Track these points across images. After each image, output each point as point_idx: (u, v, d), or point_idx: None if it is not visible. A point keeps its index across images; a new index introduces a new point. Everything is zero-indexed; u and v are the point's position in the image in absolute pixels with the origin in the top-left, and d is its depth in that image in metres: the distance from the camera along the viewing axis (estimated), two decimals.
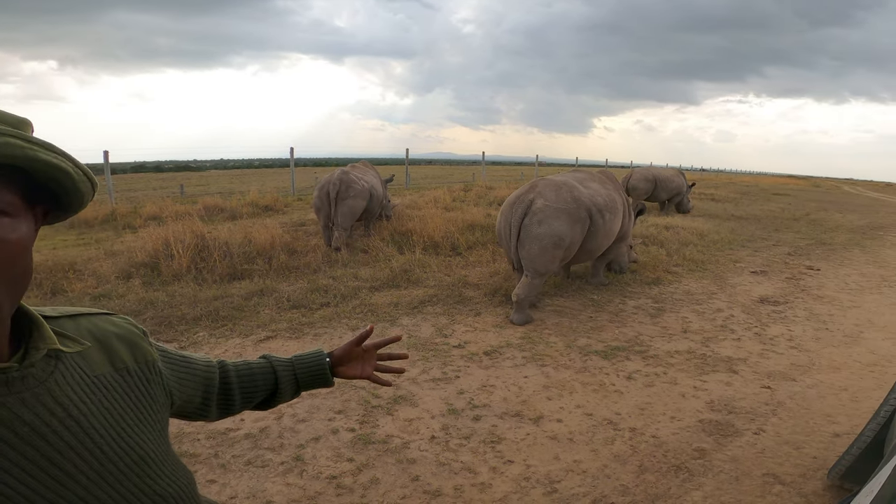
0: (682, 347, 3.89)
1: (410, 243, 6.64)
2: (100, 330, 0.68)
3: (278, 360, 1.01)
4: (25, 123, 0.52)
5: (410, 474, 2.32)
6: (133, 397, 0.66)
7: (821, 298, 5.39)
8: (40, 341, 0.57)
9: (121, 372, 0.66)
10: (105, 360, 0.65)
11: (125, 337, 0.70)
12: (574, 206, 4.39)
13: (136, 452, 0.62)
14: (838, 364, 3.69)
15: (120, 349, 0.68)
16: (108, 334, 0.68)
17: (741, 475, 2.36)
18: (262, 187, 11.96)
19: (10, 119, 0.50)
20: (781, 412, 2.97)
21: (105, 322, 0.70)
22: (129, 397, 0.65)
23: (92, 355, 0.64)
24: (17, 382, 0.54)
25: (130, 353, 0.69)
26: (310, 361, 1.01)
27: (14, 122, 0.50)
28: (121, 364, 0.67)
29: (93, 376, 0.62)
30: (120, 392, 0.64)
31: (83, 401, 0.59)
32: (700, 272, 6.28)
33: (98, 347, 0.66)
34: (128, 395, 0.65)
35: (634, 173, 11.61)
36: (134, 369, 0.68)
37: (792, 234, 9.65)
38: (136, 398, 0.66)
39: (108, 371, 0.65)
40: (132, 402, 0.65)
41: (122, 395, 0.64)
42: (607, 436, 2.67)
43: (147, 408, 0.68)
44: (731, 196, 17.24)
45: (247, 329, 3.98)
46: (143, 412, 0.66)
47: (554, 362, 3.55)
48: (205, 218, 8.17)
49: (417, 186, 16.43)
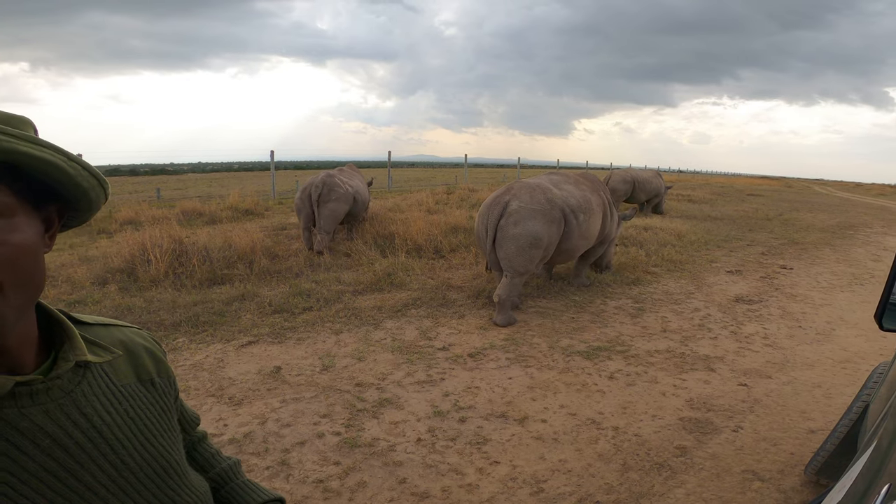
0: (661, 347, 3.96)
1: (393, 246, 6.63)
2: (130, 340, 0.68)
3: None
4: (22, 122, 0.50)
5: (398, 477, 2.32)
6: (157, 408, 0.66)
7: (794, 297, 5.54)
8: (70, 352, 0.57)
9: (145, 383, 0.66)
10: (131, 370, 0.66)
11: (151, 350, 0.70)
12: (548, 207, 4.47)
13: (158, 463, 0.62)
14: (812, 361, 3.80)
15: (146, 361, 0.68)
16: (137, 345, 0.69)
17: (722, 472, 2.42)
18: (242, 191, 11.80)
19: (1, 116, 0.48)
20: (758, 409, 3.05)
21: (134, 334, 0.70)
22: (153, 408, 0.65)
23: (119, 365, 0.64)
24: (41, 394, 0.53)
25: (155, 366, 0.69)
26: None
27: (5, 120, 0.48)
28: (146, 375, 0.67)
29: (119, 385, 0.62)
30: (145, 402, 0.64)
31: (108, 411, 0.59)
32: (678, 272, 6.40)
33: (126, 357, 0.66)
34: (152, 405, 0.65)
35: (613, 175, 11.78)
36: (157, 382, 0.69)
37: (765, 234, 9.89)
38: (160, 409, 0.66)
39: (133, 381, 0.65)
40: (156, 412, 0.65)
41: (146, 406, 0.64)
42: (591, 435, 2.71)
43: (169, 419, 0.68)
44: (707, 197, 17.59)
45: (228, 334, 3.93)
46: (165, 423, 0.66)
47: (537, 363, 3.59)
48: (183, 222, 8.05)
49: (400, 189, 16.40)
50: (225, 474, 0.83)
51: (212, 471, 0.83)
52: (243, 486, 0.83)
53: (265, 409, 2.87)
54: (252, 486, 0.84)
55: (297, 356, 3.59)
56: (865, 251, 8.67)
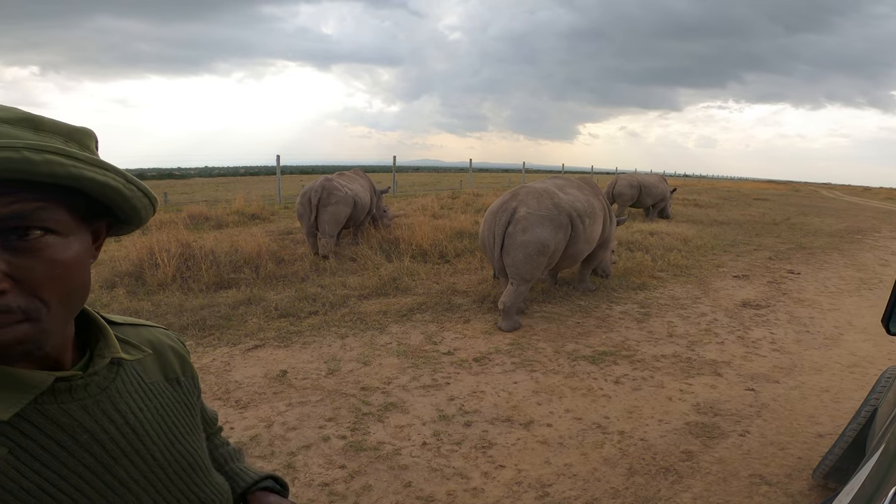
0: (667, 351, 3.95)
1: (399, 251, 6.65)
2: (157, 340, 0.70)
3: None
4: (85, 134, 0.51)
5: (403, 480, 2.33)
6: (182, 406, 0.68)
7: (801, 302, 5.51)
8: (105, 350, 0.59)
9: (171, 382, 0.68)
10: (158, 369, 0.67)
11: (177, 350, 0.72)
12: (556, 213, 4.45)
13: (185, 460, 0.63)
14: (820, 366, 3.77)
15: (173, 360, 0.70)
16: (164, 345, 0.70)
17: (728, 476, 2.41)
18: (248, 195, 11.87)
19: (63, 129, 0.49)
20: (766, 414, 3.03)
21: (161, 334, 0.72)
22: (179, 406, 0.67)
23: (148, 363, 0.66)
24: (79, 390, 0.55)
25: (180, 365, 0.71)
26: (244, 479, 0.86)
27: (67, 133, 0.49)
28: (172, 374, 0.69)
29: (149, 383, 0.64)
30: (172, 400, 0.66)
31: (139, 407, 0.60)
32: (684, 277, 6.38)
33: (154, 356, 0.68)
34: (178, 403, 0.67)
35: (619, 179, 11.76)
36: (183, 380, 0.70)
37: (772, 239, 9.84)
38: (185, 407, 0.68)
39: (160, 379, 0.67)
40: (182, 410, 0.67)
41: (173, 404, 0.66)
42: (597, 439, 2.71)
43: (193, 417, 0.69)
44: (713, 201, 17.54)
45: (235, 338, 3.95)
46: (190, 421, 0.68)
47: (543, 368, 3.59)
48: (190, 226, 8.10)
49: (405, 194, 16.45)
50: (226, 456, 0.85)
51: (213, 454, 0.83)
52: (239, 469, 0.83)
53: (271, 413, 2.88)
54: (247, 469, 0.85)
55: (303, 360, 3.60)
56: (873, 256, 8.61)
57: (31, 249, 0.46)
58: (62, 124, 0.49)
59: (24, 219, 0.45)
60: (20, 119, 0.46)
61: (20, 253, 0.45)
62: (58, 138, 0.48)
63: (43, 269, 0.47)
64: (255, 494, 0.81)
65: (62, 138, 0.49)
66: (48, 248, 0.47)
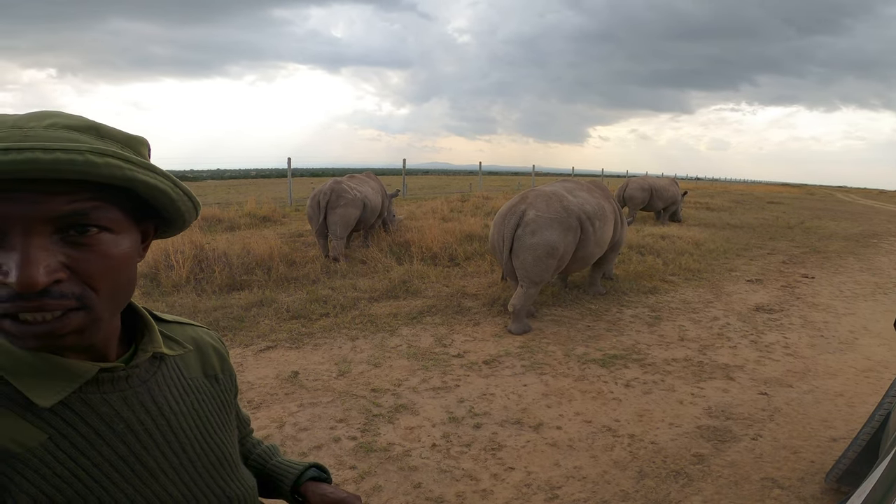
0: (679, 355, 3.93)
1: (409, 254, 6.68)
2: (199, 338, 0.73)
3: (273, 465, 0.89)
4: (139, 142, 0.55)
5: (412, 481, 2.34)
6: (218, 403, 0.70)
7: (816, 306, 5.45)
8: (149, 344, 0.62)
9: (210, 379, 0.71)
10: (198, 365, 0.70)
11: (217, 349, 0.76)
12: (565, 216, 4.46)
13: (215, 455, 0.66)
14: (834, 370, 3.73)
15: (213, 358, 0.73)
16: (206, 343, 0.74)
17: (740, 480, 2.39)
18: (260, 198, 11.97)
19: (120, 137, 0.53)
20: (779, 418, 3.00)
21: (203, 333, 0.75)
22: (215, 402, 0.70)
23: (189, 359, 0.69)
24: (121, 381, 0.58)
25: (220, 363, 0.74)
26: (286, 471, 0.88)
27: (125, 140, 0.54)
28: (211, 371, 0.72)
29: (188, 378, 0.67)
30: (208, 396, 0.69)
31: (176, 401, 0.63)
32: (696, 281, 6.33)
33: (195, 353, 0.71)
34: (214, 400, 0.70)
35: (631, 183, 11.69)
36: (221, 378, 0.73)
37: (786, 243, 9.74)
38: (221, 404, 0.71)
39: (199, 376, 0.69)
40: (217, 407, 0.70)
41: (209, 400, 0.69)
42: (606, 442, 2.70)
43: (228, 414, 0.72)
44: (725, 205, 17.38)
45: (247, 339, 3.99)
46: (225, 417, 0.71)
47: (553, 371, 3.58)
48: (203, 228, 8.19)
49: (415, 197, 16.50)
50: (263, 456, 0.88)
51: (251, 455, 0.87)
52: (282, 463, 0.88)
53: (283, 414, 2.91)
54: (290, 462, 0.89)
55: (315, 361, 3.63)
56: (889, 260, 8.48)
57: (87, 245, 0.50)
58: (120, 132, 0.54)
59: (82, 216, 0.49)
60: (86, 127, 0.51)
61: (78, 247, 0.50)
62: (116, 144, 0.53)
63: (97, 262, 0.51)
64: (307, 485, 0.84)
65: (120, 144, 0.53)
66: (102, 243, 0.51)
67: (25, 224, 0.47)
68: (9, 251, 0.47)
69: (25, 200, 0.47)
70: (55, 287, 0.48)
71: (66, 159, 0.46)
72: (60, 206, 0.48)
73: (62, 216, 0.48)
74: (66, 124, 0.50)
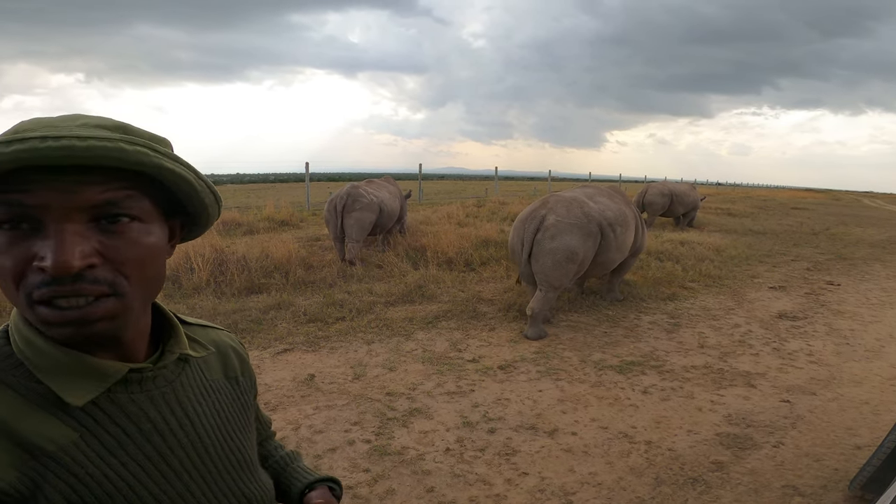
0: (698, 362, 3.86)
1: (425, 259, 6.69)
2: (221, 341, 0.75)
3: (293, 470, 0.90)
4: (163, 141, 0.58)
5: (426, 485, 2.33)
6: (238, 405, 0.72)
7: (841, 313, 5.31)
8: (176, 346, 0.64)
9: (231, 381, 0.73)
10: (220, 367, 0.72)
11: (238, 352, 0.77)
12: (585, 221, 4.44)
13: (235, 456, 0.67)
14: (860, 378, 3.63)
15: (234, 361, 0.75)
16: (227, 346, 0.75)
17: (760, 487, 2.34)
18: (278, 202, 12.12)
19: (146, 135, 0.56)
20: (801, 425, 2.93)
21: (225, 336, 0.77)
22: (235, 404, 0.71)
23: (211, 361, 0.71)
24: (149, 381, 0.59)
25: (240, 366, 0.76)
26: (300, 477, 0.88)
27: (149, 137, 0.56)
28: (232, 374, 0.73)
29: (210, 380, 0.68)
30: (229, 398, 0.70)
31: (199, 402, 0.64)
32: (717, 288, 6.23)
33: (217, 355, 0.72)
34: (235, 401, 0.71)
35: (651, 188, 11.57)
36: (241, 380, 0.75)
37: (811, 249, 9.53)
38: (241, 406, 0.72)
39: (220, 377, 0.71)
40: (238, 409, 0.71)
41: (230, 401, 0.70)
42: (623, 448, 2.66)
43: (248, 416, 0.74)
44: (748, 210, 17.08)
45: (265, 342, 4.04)
46: (244, 419, 0.72)
47: (569, 376, 3.55)
48: (223, 232, 8.32)
49: (430, 202, 16.54)
50: (283, 461, 0.88)
51: (271, 459, 0.88)
52: (299, 469, 0.88)
53: (299, 416, 2.93)
54: (308, 470, 0.88)
55: (330, 365, 3.65)
56: None
57: (119, 232, 0.52)
58: (146, 131, 0.56)
59: (115, 206, 0.52)
60: (115, 126, 0.54)
61: (110, 235, 0.52)
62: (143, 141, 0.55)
63: (128, 249, 0.53)
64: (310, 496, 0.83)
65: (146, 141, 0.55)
66: (133, 231, 0.53)
67: (62, 212, 0.49)
68: (44, 238, 0.49)
69: (61, 190, 0.49)
70: (89, 272, 0.50)
71: (100, 146, 0.49)
72: (95, 195, 0.50)
73: (96, 205, 0.50)
74: (96, 123, 0.52)
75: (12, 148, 0.47)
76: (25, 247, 0.49)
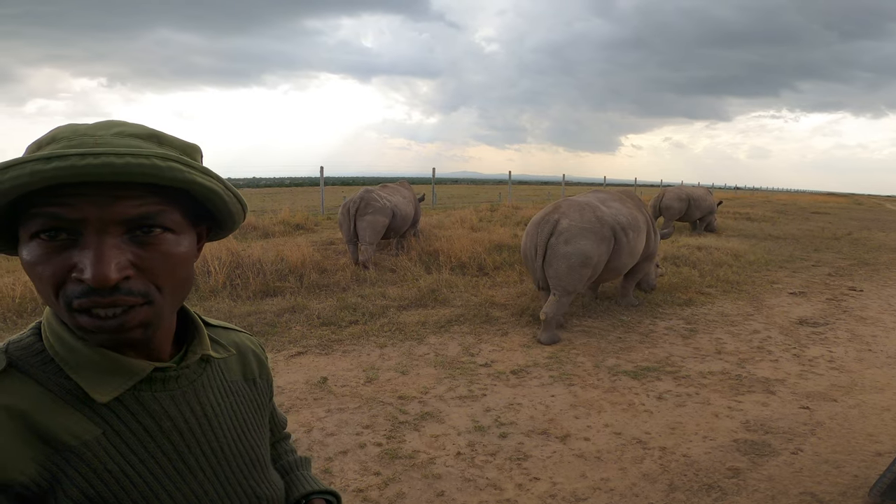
0: (715, 368, 3.80)
1: (438, 263, 6.69)
2: (242, 343, 0.77)
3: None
4: (194, 149, 0.60)
5: (436, 489, 2.32)
6: (255, 405, 0.73)
7: (864, 320, 5.19)
8: (199, 347, 0.65)
9: (249, 382, 0.74)
10: (239, 368, 0.74)
11: (257, 353, 0.79)
12: (598, 226, 4.43)
13: (248, 456, 0.68)
14: (882, 385, 3.54)
15: (252, 362, 0.77)
16: (246, 348, 0.77)
17: (777, 494, 2.29)
18: (293, 206, 12.24)
19: (178, 144, 0.58)
20: (821, 432, 2.86)
21: (245, 338, 0.79)
22: (252, 405, 0.73)
23: (231, 362, 0.72)
24: (171, 381, 0.61)
25: (259, 367, 0.78)
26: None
27: (182, 147, 0.58)
28: (250, 375, 0.75)
29: (229, 381, 0.70)
30: (246, 399, 0.72)
31: (218, 402, 0.66)
32: (735, 293, 6.13)
33: (237, 357, 0.74)
34: (251, 402, 0.73)
35: (667, 193, 11.44)
36: (259, 382, 0.76)
37: (832, 255, 9.33)
38: (257, 406, 0.74)
39: (239, 378, 0.73)
40: (254, 409, 0.73)
41: (247, 402, 0.72)
42: (636, 454, 2.63)
43: (263, 417, 0.75)
44: (767, 215, 16.80)
45: (279, 345, 4.07)
46: (259, 420, 0.74)
47: (582, 382, 3.52)
48: (238, 236, 8.43)
49: (444, 206, 16.56)
50: (289, 465, 0.89)
51: (278, 462, 0.88)
52: (301, 477, 0.87)
53: (311, 418, 2.94)
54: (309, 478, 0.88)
55: (343, 368, 3.67)
56: None
57: (152, 244, 0.54)
58: (177, 140, 0.58)
59: (149, 219, 0.53)
60: (149, 135, 0.55)
61: (143, 247, 0.53)
62: (175, 151, 0.57)
63: (160, 260, 0.54)
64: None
65: (178, 151, 0.57)
66: (165, 243, 0.55)
67: (99, 225, 0.51)
68: (83, 249, 0.51)
69: (99, 204, 0.51)
70: (124, 284, 0.52)
71: (136, 163, 0.50)
72: (130, 209, 0.52)
73: (132, 218, 0.52)
74: (130, 132, 0.54)
75: (52, 165, 0.48)
76: (64, 257, 0.51)
